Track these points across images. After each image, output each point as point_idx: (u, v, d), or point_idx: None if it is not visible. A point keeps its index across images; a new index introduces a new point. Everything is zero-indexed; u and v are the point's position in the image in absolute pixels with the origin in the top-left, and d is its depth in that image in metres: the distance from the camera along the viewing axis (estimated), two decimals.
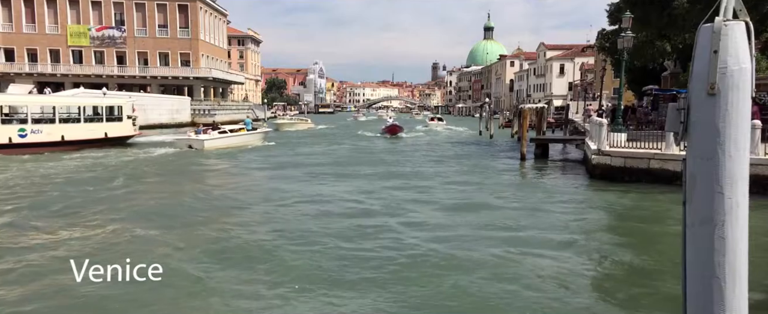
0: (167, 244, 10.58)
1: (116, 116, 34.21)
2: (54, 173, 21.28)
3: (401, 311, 7.67)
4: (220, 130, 32.81)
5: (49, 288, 8.12)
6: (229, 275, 8.97)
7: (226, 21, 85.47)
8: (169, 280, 8.17)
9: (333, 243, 10.79)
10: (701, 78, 2.44)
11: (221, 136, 32.01)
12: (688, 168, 2.54)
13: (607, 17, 34.01)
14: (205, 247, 10.51)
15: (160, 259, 8.84)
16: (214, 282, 8.70)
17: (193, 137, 31.38)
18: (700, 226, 2.50)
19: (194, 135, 31.67)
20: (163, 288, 7.91)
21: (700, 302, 2.54)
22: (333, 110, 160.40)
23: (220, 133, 32.25)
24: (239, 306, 7.84)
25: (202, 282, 8.69)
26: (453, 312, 7.91)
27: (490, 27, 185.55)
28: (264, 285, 8.57)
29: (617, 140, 20.27)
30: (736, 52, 2.37)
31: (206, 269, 9.22)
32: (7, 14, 65.31)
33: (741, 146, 2.41)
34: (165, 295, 7.90)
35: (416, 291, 8.31)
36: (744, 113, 2.42)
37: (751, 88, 2.43)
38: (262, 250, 10.32)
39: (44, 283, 8.37)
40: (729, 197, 2.42)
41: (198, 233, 11.67)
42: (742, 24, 2.40)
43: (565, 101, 70.43)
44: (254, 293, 8.26)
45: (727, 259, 2.45)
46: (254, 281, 8.76)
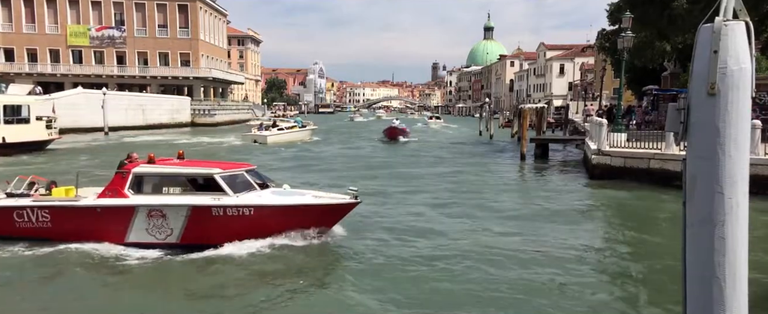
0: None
1: (22, 117, 29.15)
2: None
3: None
4: (279, 127, 40.20)
5: None
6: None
7: (226, 21, 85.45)
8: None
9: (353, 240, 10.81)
10: (701, 78, 2.44)
11: (280, 132, 39.04)
12: (688, 168, 2.54)
13: (607, 17, 34.01)
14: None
15: None
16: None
17: (258, 133, 38.13)
18: (700, 226, 2.50)
19: (258, 132, 38.44)
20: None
21: (700, 302, 2.54)
22: (333, 110, 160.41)
23: (279, 130, 39.27)
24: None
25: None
26: (454, 305, 7.92)
27: (490, 27, 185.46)
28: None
29: (617, 140, 20.25)
30: (736, 52, 2.37)
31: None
32: (7, 14, 65.28)
33: (741, 146, 2.41)
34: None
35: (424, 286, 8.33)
36: (744, 113, 2.42)
37: (751, 88, 2.43)
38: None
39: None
40: (729, 197, 2.42)
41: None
42: (742, 24, 2.40)
43: (565, 101, 70.39)
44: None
45: (727, 259, 2.45)
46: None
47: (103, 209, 10.40)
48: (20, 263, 9.74)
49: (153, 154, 11.22)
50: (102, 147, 36.00)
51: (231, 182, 10.41)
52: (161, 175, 10.81)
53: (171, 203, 10.26)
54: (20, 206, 10.69)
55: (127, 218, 10.33)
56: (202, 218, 10.13)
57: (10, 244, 10.38)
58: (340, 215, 10.80)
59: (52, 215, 10.58)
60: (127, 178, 10.49)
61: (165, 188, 10.71)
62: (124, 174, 10.55)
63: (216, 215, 10.10)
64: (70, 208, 10.57)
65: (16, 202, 10.83)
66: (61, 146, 32.48)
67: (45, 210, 10.61)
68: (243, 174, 10.86)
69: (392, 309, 7.80)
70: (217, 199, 10.14)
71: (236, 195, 10.22)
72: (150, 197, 10.43)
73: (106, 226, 10.36)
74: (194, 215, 10.14)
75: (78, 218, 10.48)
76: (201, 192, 10.43)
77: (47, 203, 10.69)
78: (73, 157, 28.50)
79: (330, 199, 10.80)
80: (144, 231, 10.34)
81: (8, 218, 10.69)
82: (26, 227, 10.68)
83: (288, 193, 11.02)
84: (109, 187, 10.63)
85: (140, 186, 10.59)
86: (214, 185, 10.32)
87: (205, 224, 10.14)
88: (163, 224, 10.27)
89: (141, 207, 10.26)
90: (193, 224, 10.18)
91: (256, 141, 37.06)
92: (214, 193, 10.24)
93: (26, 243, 10.37)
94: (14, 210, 10.70)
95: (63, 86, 61.75)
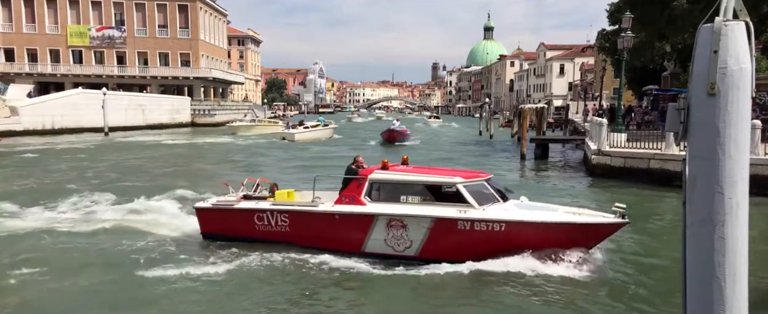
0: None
1: None
2: None
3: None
4: (305, 126, 44.00)
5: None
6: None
7: (226, 21, 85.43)
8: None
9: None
10: (701, 78, 2.44)
11: (305, 130, 42.74)
12: (688, 168, 2.54)
13: (607, 17, 34.04)
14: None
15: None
16: None
17: (286, 131, 42.39)
18: (700, 226, 2.50)
19: (286, 130, 42.86)
20: None
21: (700, 302, 2.54)
22: (333, 110, 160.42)
23: (305, 128, 43.15)
24: None
25: None
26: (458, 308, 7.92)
27: (490, 27, 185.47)
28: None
29: (617, 140, 20.25)
30: (736, 52, 2.37)
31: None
32: (7, 14, 65.26)
33: (741, 146, 2.41)
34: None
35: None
36: (744, 113, 2.42)
37: (751, 88, 2.43)
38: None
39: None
40: (729, 197, 2.42)
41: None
42: (742, 24, 2.40)
43: (565, 101, 70.40)
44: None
45: (727, 259, 2.45)
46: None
47: (341, 216, 9.98)
48: (257, 266, 9.57)
49: (386, 160, 10.62)
50: (101, 148, 35.96)
51: (474, 192, 9.63)
52: (399, 182, 10.12)
53: (414, 213, 9.60)
54: (261, 209, 10.53)
55: (365, 227, 9.82)
56: (446, 232, 9.41)
57: (248, 246, 10.27)
58: (603, 237, 9.51)
59: (291, 220, 10.35)
60: (364, 185, 10.01)
61: (402, 196, 9.95)
62: (361, 181, 10.07)
63: (461, 229, 9.33)
64: (309, 213, 10.25)
65: (256, 205, 10.69)
66: (65, 146, 32.43)
67: (284, 214, 10.38)
68: (484, 184, 10.03)
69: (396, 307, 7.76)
70: (464, 211, 9.34)
71: (482, 208, 9.43)
72: (389, 206, 9.85)
73: (343, 234, 9.95)
74: (437, 227, 9.41)
75: (316, 224, 10.18)
76: (442, 203, 9.65)
77: (287, 207, 10.47)
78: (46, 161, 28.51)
79: (593, 217, 9.53)
80: (382, 242, 9.76)
81: (249, 220, 10.60)
82: (265, 230, 10.51)
83: (534, 207, 10.06)
84: (345, 193, 10.17)
85: (377, 193, 10.09)
86: (455, 196, 9.54)
87: (448, 238, 9.41)
88: (402, 236, 9.66)
89: (381, 216, 9.70)
90: (435, 237, 9.47)
91: (284, 138, 40.32)
92: (458, 204, 9.46)
93: (265, 246, 10.18)
94: (255, 213, 10.57)
95: (63, 86, 61.74)
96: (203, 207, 11.14)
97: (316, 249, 9.89)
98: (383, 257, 9.73)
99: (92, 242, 11.11)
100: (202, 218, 11.10)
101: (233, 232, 10.75)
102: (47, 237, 11.28)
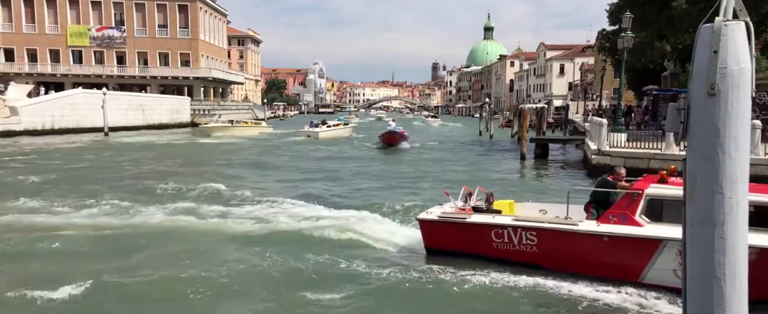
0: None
1: None
2: None
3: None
4: (328, 125, 46.74)
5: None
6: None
7: (226, 21, 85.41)
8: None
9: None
10: (701, 78, 2.44)
11: (328, 129, 45.52)
12: (688, 168, 2.54)
13: (607, 17, 34.02)
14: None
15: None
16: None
17: (310, 129, 44.42)
18: (700, 226, 2.50)
19: (310, 128, 44.93)
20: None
21: (700, 302, 2.54)
22: (333, 110, 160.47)
23: (328, 127, 45.92)
24: None
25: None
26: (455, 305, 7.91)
27: (490, 27, 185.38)
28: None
29: (617, 140, 20.25)
30: (736, 52, 2.37)
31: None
32: (7, 14, 65.26)
33: (741, 146, 2.41)
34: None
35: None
36: (744, 113, 2.42)
37: (751, 88, 2.43)
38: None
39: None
40: (729, 197, 2.42)
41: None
42: (742, 24, 2.40)
43: (565, 101, 70.39)
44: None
45: (727, 259, 2.45)
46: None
47: (612, 239, 8.45)
48: (500, 288, 8.50)
49: (665, 172, 8.96)
50: (101, 148, 35.94)
51: None
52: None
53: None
54: (501, 224, 9.25)
55: (646, 253, 8.25)
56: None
57: (485, 266, 9.08)
58: None
59: (540, 239, 8.97)
60: (639, 201, 8.47)
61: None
62: (635, 196, 8.54)
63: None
64: (566, 232, 8.80)
65: (494, 219, 9.48)
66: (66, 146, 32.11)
67: (531, 232, 9.01)
68: None
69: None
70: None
71: None
72: (679, 229, 7.73)
73: (613, 259, 8.46)
74: (762, 260, 6.86)
75: (576, 246, 8.73)
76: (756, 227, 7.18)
77: (536, 224, 9.12)
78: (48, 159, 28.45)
79: None
80: (671, 272, 7.96)
81: (485, 236, 9.34)
82: (505, 249, 9.20)
83: None
84: (614, 210, 8.68)
85: (657, 213, 8.42)
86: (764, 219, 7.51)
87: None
88: None
89: (671, 241, 7.86)
90: (758, 270, 7.19)
91: (309, 136, 42.90)
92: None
93: (505, 267, 8.96)
94: (493, 228, 9.30)
95: (63, 86, 61.70)
96: (428, 219, 9.95)
97: (573, 275, 8.55)
98: (668, 290, 8.02)
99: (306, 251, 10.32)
100: (426, 231, 10.00)
101: (464, 248, 9.56)
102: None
